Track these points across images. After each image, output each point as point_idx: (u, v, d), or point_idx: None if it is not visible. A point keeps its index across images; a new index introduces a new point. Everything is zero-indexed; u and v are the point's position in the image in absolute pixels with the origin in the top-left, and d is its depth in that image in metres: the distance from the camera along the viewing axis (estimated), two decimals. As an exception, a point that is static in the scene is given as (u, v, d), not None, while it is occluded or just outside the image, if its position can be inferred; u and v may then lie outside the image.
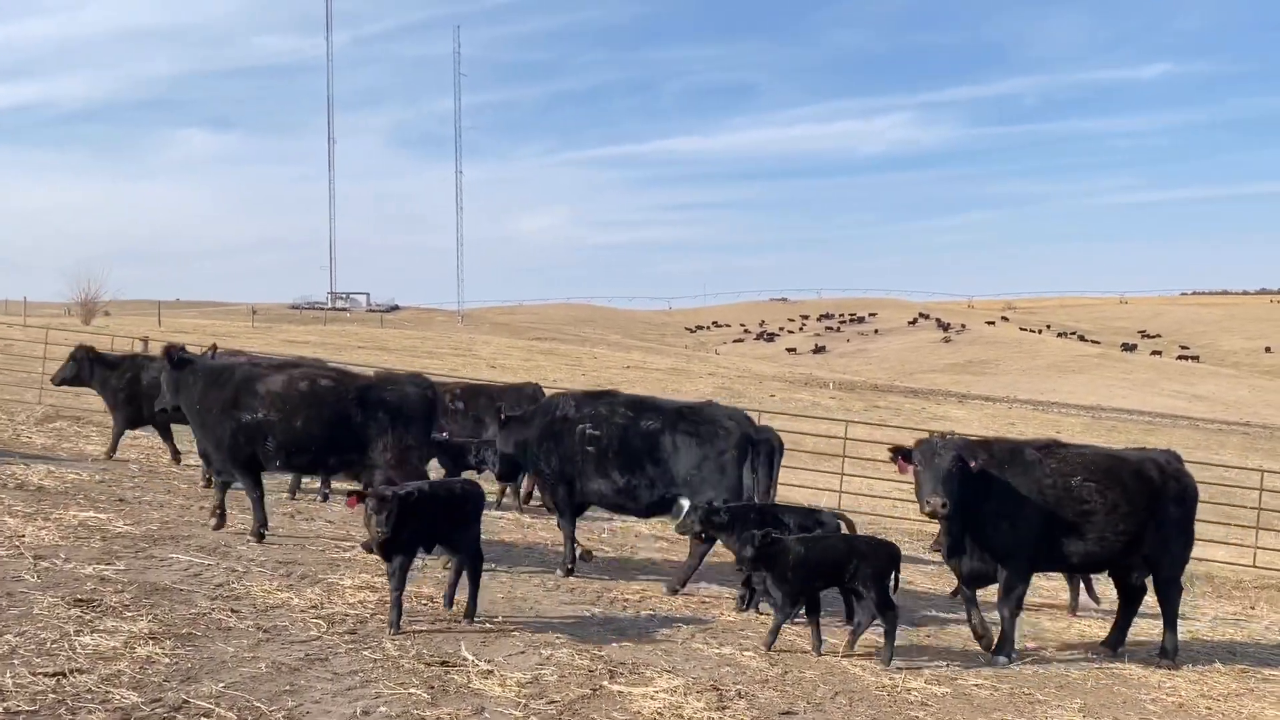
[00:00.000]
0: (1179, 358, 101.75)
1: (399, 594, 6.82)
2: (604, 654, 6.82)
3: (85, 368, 13.25)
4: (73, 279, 60.37)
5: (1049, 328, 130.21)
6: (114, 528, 8.79)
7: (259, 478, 9.26)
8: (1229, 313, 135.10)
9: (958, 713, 6.73)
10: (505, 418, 9.72)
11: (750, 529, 7.76)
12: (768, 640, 7.53)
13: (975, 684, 7.38)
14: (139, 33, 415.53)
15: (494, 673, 6.16)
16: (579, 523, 9.73)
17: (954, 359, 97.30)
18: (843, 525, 8.80)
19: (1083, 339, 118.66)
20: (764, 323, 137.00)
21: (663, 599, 8.83)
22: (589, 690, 6.10)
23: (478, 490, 7.66)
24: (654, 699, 6.05)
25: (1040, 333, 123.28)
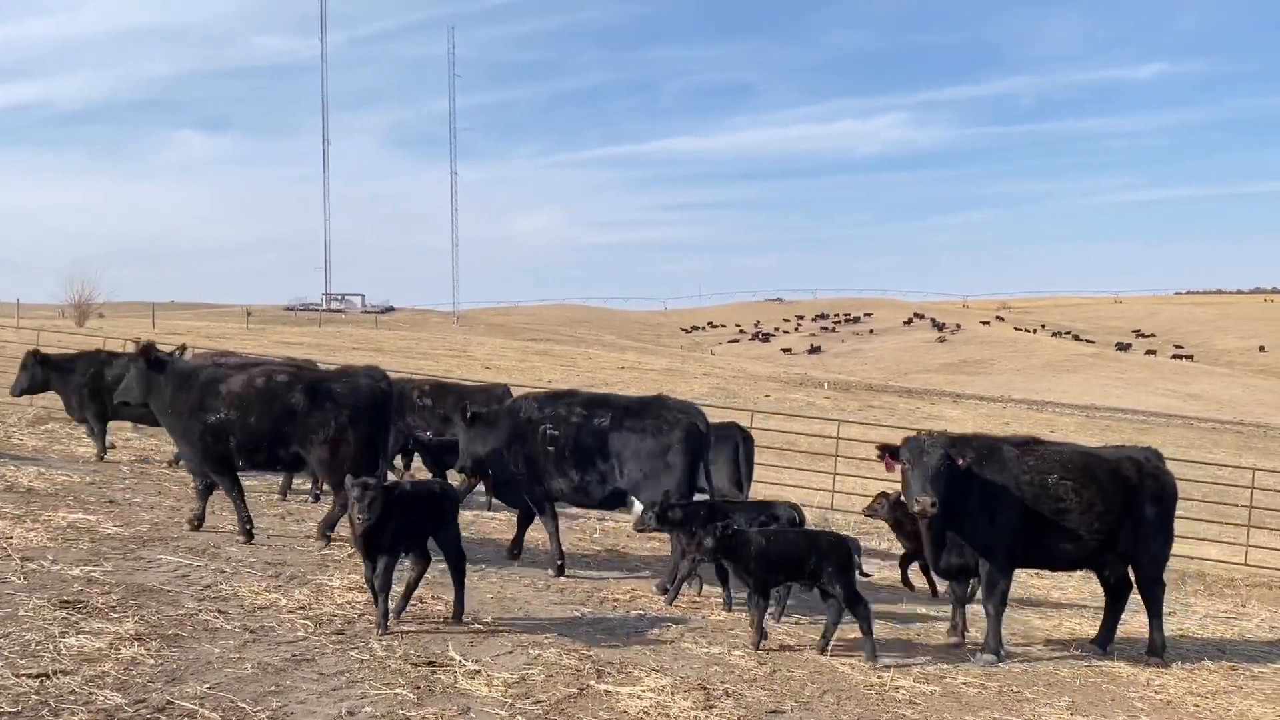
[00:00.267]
0: (1173, 357, 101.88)
1: (385, 595, 6.80)
2: (592, 654, 6.82)
3: (38, 373, 13.27)
4: (67, 281, 60.17)
5: (1044, 327, 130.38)
6: (103, 529, 8.76)
7: (235, 477, 9.25)
8: (1223, 312, 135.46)
9: (946, 711, 6.73)
10: (470, 415, 9.63)
11: (702, 525, 7.80)
12: (753, 639, 7.52)
13: (964, 682, 7.39)
14: (137, 33, 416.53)
15: (481, 673, 6.15)
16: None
17: (949, 359, 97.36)
18: (795, 516, 8.71)
19: (1077, 338, 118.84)
20: (759, 323, 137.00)
21: (653, 598, 8.81)
22: (576, 690, 6.09)
23: (453, 491, 7.78)
24: (641, 698, 6.05)
25: (1035, 332, 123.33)
